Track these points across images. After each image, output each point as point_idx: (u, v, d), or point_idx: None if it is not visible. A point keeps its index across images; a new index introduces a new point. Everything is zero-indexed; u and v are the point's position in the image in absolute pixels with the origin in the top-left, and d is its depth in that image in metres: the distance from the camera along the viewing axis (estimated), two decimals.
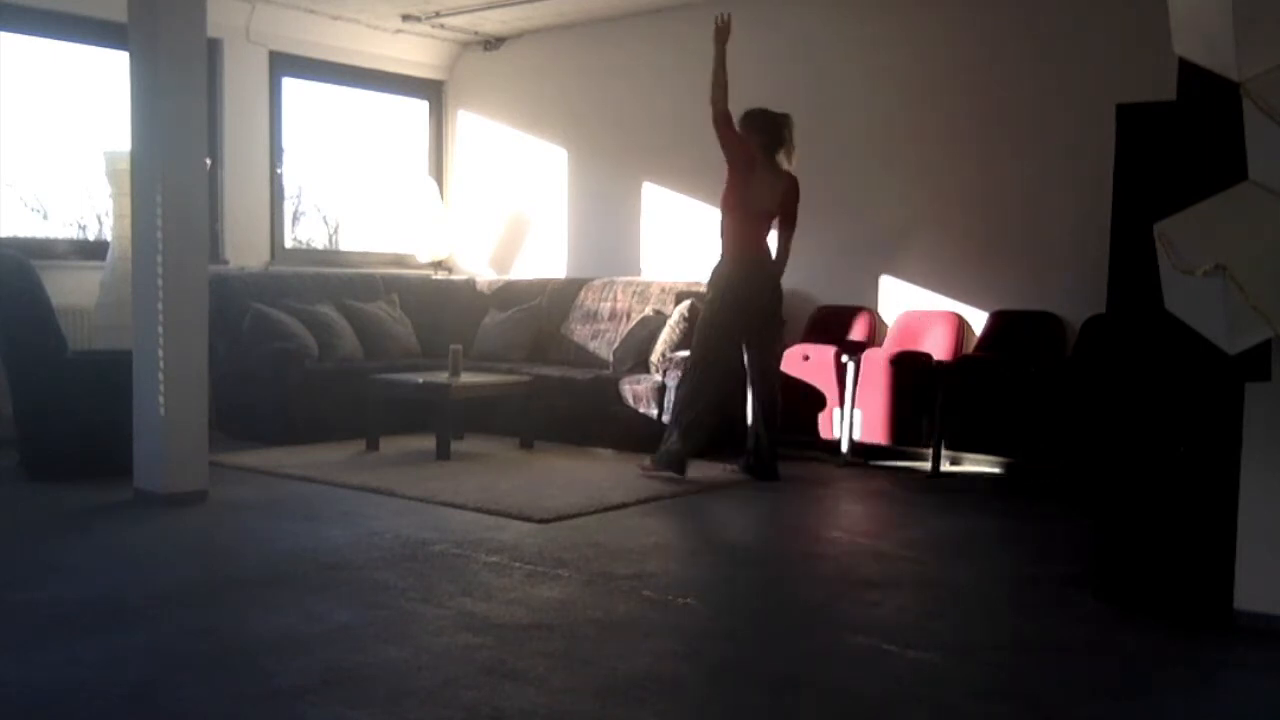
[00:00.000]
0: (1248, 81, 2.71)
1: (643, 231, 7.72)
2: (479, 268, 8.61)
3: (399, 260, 8.57)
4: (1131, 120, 3.60)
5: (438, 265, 8.66)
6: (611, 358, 6.96)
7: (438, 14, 7.81)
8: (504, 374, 6.87)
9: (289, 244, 8.11)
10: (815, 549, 4.44)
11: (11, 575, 3.80)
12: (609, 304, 7.41)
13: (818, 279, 6.86)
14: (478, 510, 4.85)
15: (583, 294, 7.58)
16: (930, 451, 5.96)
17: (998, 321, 6.16)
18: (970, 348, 6.22)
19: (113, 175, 6.42)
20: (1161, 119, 3.45)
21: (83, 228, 7.39)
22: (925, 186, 6.52)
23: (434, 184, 8.59)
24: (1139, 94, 3.67)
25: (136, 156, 4.98)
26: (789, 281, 5.76)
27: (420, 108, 8.78)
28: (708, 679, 2.88)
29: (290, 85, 7.95)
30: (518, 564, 4.00)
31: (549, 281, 7.89)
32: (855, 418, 6.15)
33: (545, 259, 8.25)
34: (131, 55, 4.96)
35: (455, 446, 6.32)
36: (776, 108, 5.75)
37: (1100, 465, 3.82)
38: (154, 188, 4.85)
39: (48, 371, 5.34)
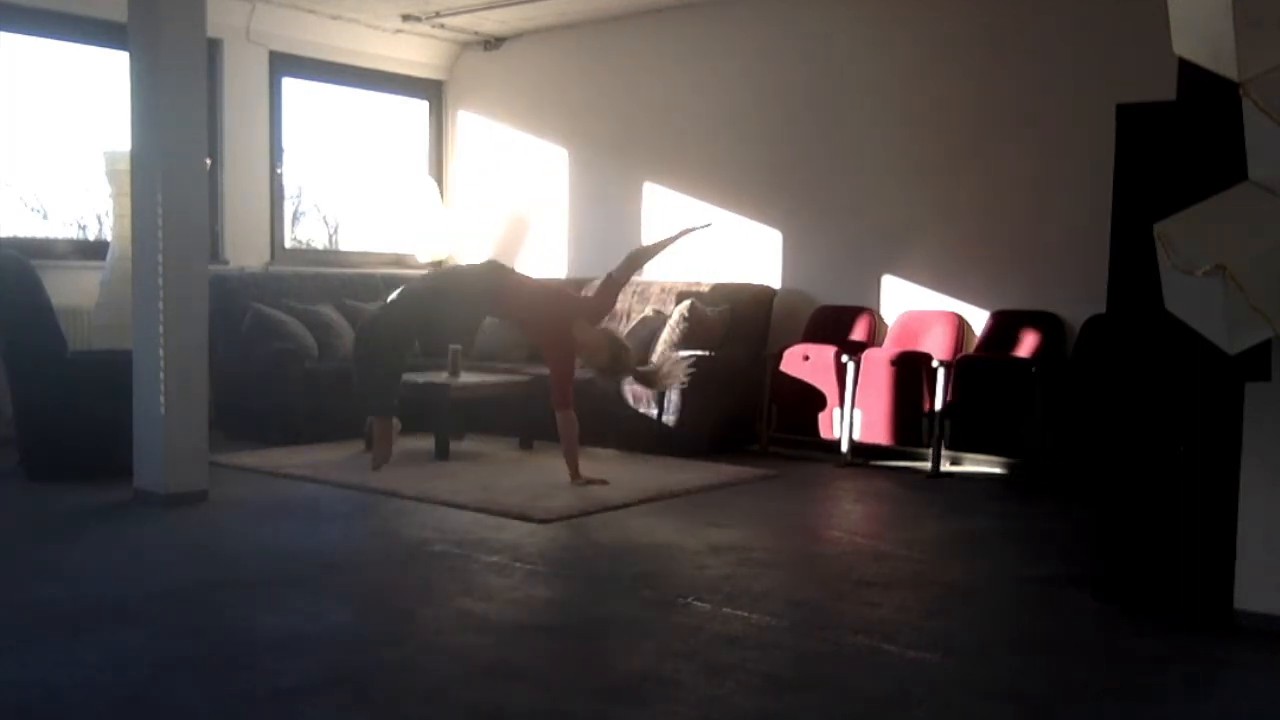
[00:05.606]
0: (1248, 81, 2.71)
1: (643, 231, 7.71)
2: None
3: (399, 260, 8.56)
4: (1131, 120, 3.60)
5: (438, 265, 8.65)
6: None
7: (438, 14, 7.81)
8: (504, 374, 6.87)
9: (289, 244, 8.11)
10: (815, 549, 4.44)
11: (11, 575, 3.80)
12: None
13: (818, 279, 6.86)
14: (478, 510, 4.85)
15: (583, 294, 7.56)
16: (930, 451, 5.96)
17: (998, 321, 6.16)
18: (970, 348, 6.22)
19: (113, 175, 6.42)
20: (1161, 119, 3.46)
21: (83, 228, 7.39)
22: (926, 186, 6.52)
23: (434, 184, 8.59)
24: (1139, 94, 3.66)
25: (136, 156, 4.98)
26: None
27: (420, 108, 8.78)
28: (708, 679, 2.88)
29: (290, 85, 7.95)
30: (518, 564, 4.00)
31: (549, 282, 7.87)
32: (855, 418, 6.15)
33: (545, 259, 8.25)
34: (131, 55, 4.96)
35: (455, 446, 6.33)
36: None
37: (1100, 465, 3.82)
38: (154, 188, 4.85)
39: (48, 371, 5.34)
